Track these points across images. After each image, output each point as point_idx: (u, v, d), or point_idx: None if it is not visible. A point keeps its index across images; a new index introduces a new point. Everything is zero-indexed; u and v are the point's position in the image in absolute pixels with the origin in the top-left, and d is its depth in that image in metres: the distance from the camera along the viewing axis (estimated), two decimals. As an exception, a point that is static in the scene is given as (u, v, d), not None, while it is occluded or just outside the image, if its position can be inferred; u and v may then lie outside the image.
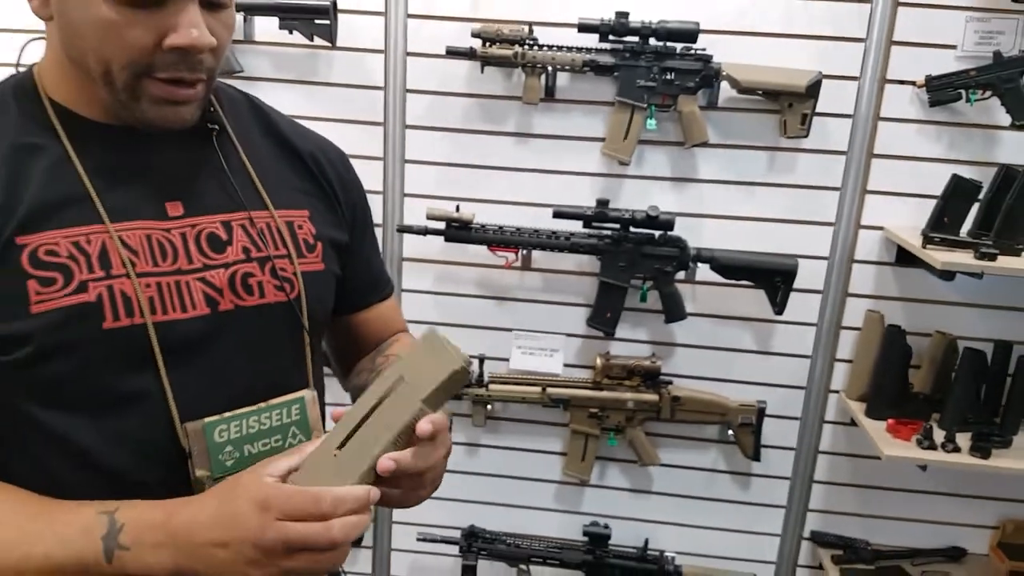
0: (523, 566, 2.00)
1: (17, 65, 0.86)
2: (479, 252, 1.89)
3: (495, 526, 2.03)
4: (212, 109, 0.88)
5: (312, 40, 1.80)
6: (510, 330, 1.98)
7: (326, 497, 0.71)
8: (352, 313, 1.04)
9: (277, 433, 0.85)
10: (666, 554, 1.98)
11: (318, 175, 0.95)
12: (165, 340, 0.79)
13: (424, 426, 0.76)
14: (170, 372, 0.79)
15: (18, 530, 0.73)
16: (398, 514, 2.08)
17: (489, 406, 1.97)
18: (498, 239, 1.86)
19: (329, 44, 1.81)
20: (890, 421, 1.79)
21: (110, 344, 0.77)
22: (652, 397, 1.92)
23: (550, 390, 1.93)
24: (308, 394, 0.87)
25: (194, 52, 0.76)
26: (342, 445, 0.75)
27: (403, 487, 0.79)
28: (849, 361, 1.92)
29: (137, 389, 0.78)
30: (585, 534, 1.98)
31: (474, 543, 1.99)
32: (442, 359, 0.76)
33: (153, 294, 0.79)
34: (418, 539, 2.00)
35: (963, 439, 1.73)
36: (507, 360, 1.98)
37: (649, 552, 1.98)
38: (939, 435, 1.74)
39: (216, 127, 0.88)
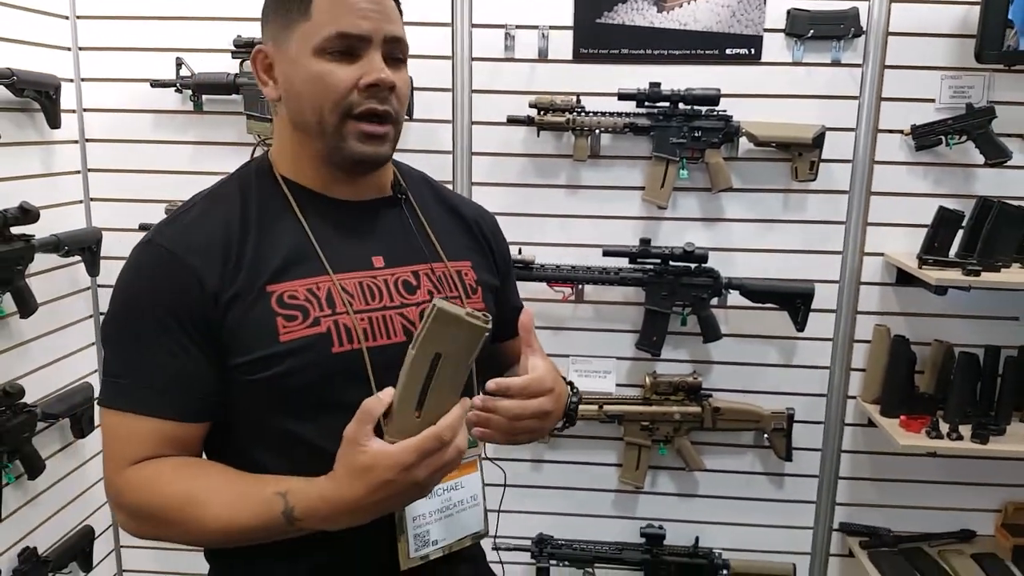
0: (589, 568, 2.23)
1: (252, 154, 1.13)
2: (539, 288, 2.15)
3: (561, 534, 2.25)
4: (401, 184, 1.13)
5: (393, 114, 2.09)
6: (567, 355, 2.23)
7: (443, 431, 0.87)
8: (503, 341, 1.23)
9: None
10: (714, 551, 2.22)
11: (477, 234, 1.19)
12: (375, 361, 0.99)
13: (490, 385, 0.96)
14: (378, 384, 0.96)
15: (223, 503, 0.92)
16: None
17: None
18: (555, 276, 2.13)
19: (408, 117, 2.10)
20: (902, 417, 2.04)
21: (337, 364, 0.97)
22: (696, 409, 2.17)
23: (606, 407, 2.18)
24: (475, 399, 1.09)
25: (382, 87, 0.97)
26: (418, 409, 0.88)
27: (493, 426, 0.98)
28: (862, 370, 2.18)
29: (354, 398, 0.92)
30: (642, 535, 2.21)
31: (545, 549, 2.21)
32: (466, 327, 0.86)
33: (366, 326, 1.00)
34: (493, 548, 2.22)
35: (965, 430, 1.99)
36: (565, 383, 2.23)
37: (700, 549, 2.21)
38: (944, 427, 1.99)
39: (403, 196, 1.13)
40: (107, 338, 0.99)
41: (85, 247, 2.12)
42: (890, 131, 2.08)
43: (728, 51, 2.09)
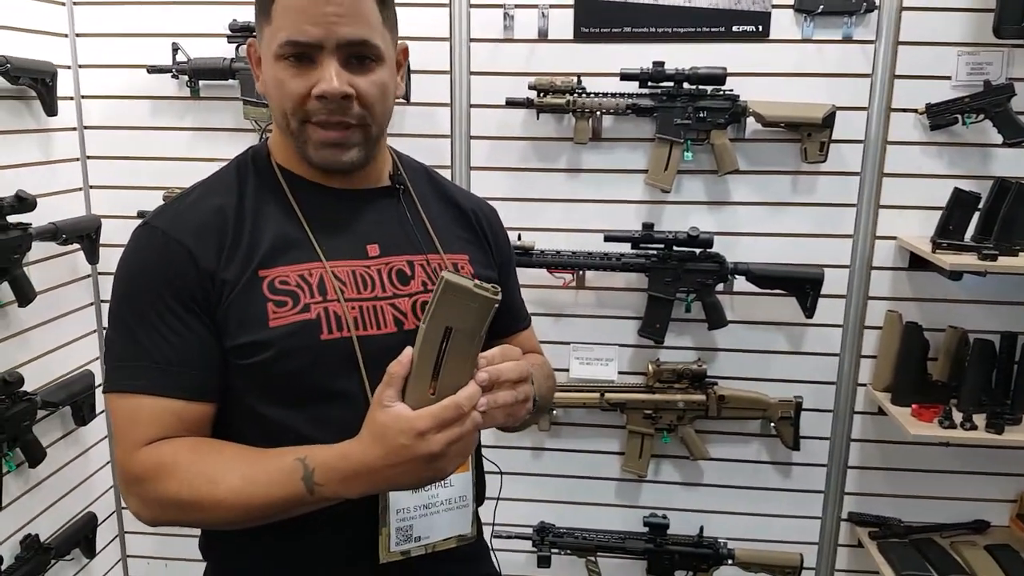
0: (591, 557, 2.21)
1: (262, 138, 1.11)
2: (539, 274, 2.12)
3: (563, 522, 2.24)
4: (399, 173, 1.12)
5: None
6: (568, 343, 2.21)
7: (461, 401, 0.86)
8: (498, 339, 1.21)
9: None
10: (719, 540, 2.19)
11: (476, 227, 1.18)
12: (365, 350, 0.98)
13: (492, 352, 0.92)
14: (368, 374, 0.97)
15: (241, 476, 0.91)
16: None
17: (553, 412, 2.19)
18: (556, 262, 2.09)
19: (404, 101, 2.07)
20: (914, 406, 1.99)
21: (325, 351, 0.97)
22: (700, 397, 2.13)
23: (608, 395, 2.15)
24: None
25: (331, 98, 0.94)
26: (433, 382, 0.88)
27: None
28: (873, 357, 2.13)
29: (344, 388, 0.97)
30: (645, 524, 2.19)
31: (546, 537, 2.20)
32: (476, 300, 0.85)
33: (357, 315, 1.00)
34: (494, 536, 2.20)
35: (979, 419, 1.94)
36: (567, 370, 2.20)
37: (704, 539, 2.18)
38: (957, 416, 1.94)
39: (401, 187, 1.11)
40: (111, 322, 0.99)
41: (84, 235, 2.11)
42: (903, 110, 2.02)
43: (735, 28, 2.03)
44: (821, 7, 1.97)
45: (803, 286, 2.06)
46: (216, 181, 1.05)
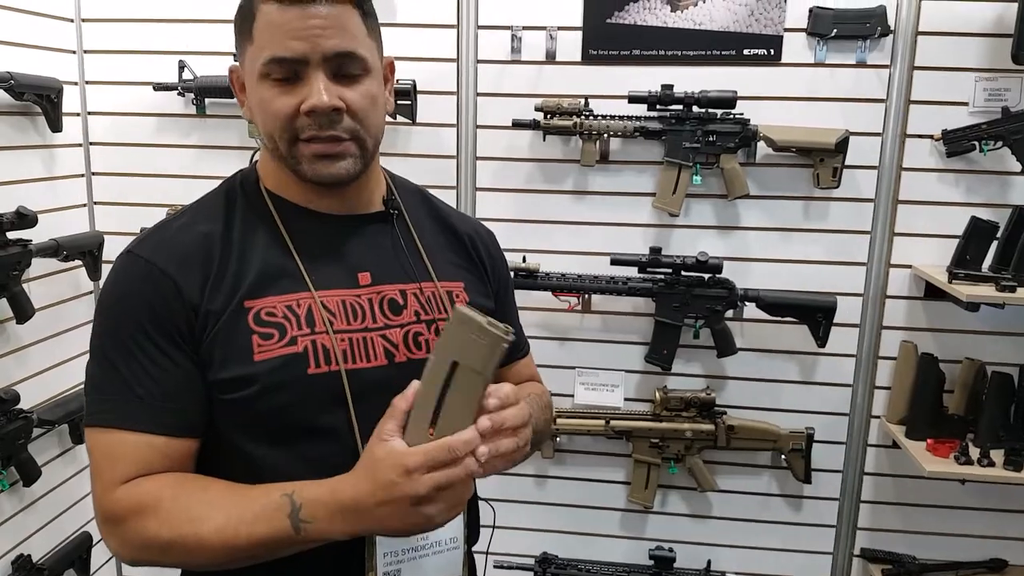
0: (594, 589, 2.15)
1: (252, 160, 1.08)
2: (544, 297, 2.08)
3: (565, 553, 2.18)
4: (392, 198, 1.08)
5: (395, 118, 2.04)
6: (573, 368, 2.16)
7: (457, 445, 0.82)
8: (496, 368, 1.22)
9: None
10: (727, 574, 2.12)
11: (472, 252, 1.13)
12: (354, 384, 0.94)
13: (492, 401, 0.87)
14: (357, 410, 0.93)
15: (226, 515, 0.86)
16: (477, 546, 2.24)
17: (557, 439, 2.15)
18: (561, 285, 2.06)
19: (410, 121, 2.05)
20: (929, 441, 1.93)
21: (312, 386, 0.93)
22: (708, 427, 2.08)
23: (613, 423, 2.11)
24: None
25: (321, 112, 0.91)
26: (432, 425, 0.85)
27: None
28: (887, 388, 2.08)
29: (331, 424, 0.93)
30: (651, 557, 2.12)
31: (548, 568, 2.14)
32: (487, 337, 0.83)
33: (346, 347, 0.95)
34: (495, 567, 2.15)
35: (996, 455, 1.88)
36: (572, 396, 2.16)
37: (711, 573, 2.12)
38: (974, 452, 1.89)
39: (396, 212, 1.07)
40: (93, 353, 0.95)
41: (86, 251, 2.10)
42: (919, 136, 1.98)
43: (746, 51, 2.00)
44: (835, 31, 1.94)
45: (815, 314, 2.01)
46: (203, 207, 1.02)
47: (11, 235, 1.82)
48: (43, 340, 2.04)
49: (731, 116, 1.99)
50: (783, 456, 2.10)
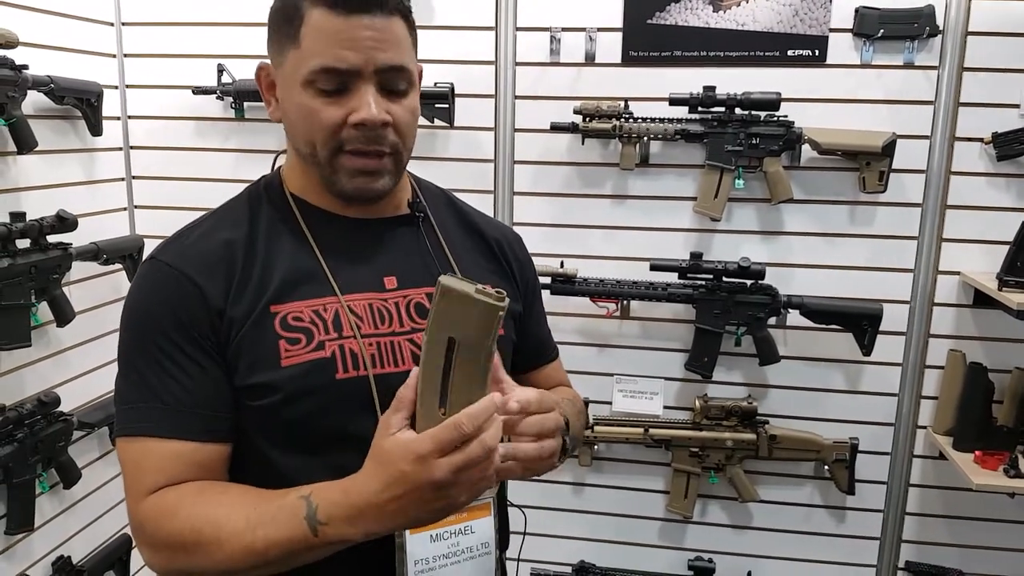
0: (631, 599, 2.12)
1: (273, 166, 1.07)
2: (582, 303, 2.06)
3: (603, 562, 2.15)
4: (418, 200, 1.06)
5: (433, 122, 2.02)
6: (612, 375, 2.13)
7: (462, 420, 0.76)
8: (524, 372, 1.17)
9: None
10: (767, 586, 2.09)
11: (499, 256, 1.12)
12: (382, 389, 0.92)
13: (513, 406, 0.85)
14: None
15: (245, 517, 0.84)
16: (511, 553, 2.21)
17: (595, 447, 2.12)
18: (599, 291, 2.03)
19: (448, 125, 2.03)
20: (977, 453, 1.88)
21: (341, 392, 0.92)
22: (750, 436, 2.04)
23: (652, 431, 2.07)
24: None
25: (371, 126, 0.91)
26: (442, 408, 0.80)
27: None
28: (934, 398, 2.02)
29: (358, 430, 0.88)
30: (690, 568, 2.09)
31: (585, 577, 2.12)
32: (478, 305, 0.76)
33: (374, 352, 0.94)
34: (532, 575, 2.13)
35: (1050, 468, 1.83)
36: (610, 403, 2.13)
37: (751, 584, 2.09)
38: (1025, 465, 1.84)
39: (421, 215, 1.06)
40: (120, 364, 0.95)
41: (126, 255, 2.11)
42: (968, 139, 1.93)
43: (790, 52, 1.96)
44: (881, 31, 1.89)
45: (860, 322, 1.97)
46: (226, 213, 1.01)
47: (51, 239, 1.83)
48: (83, 343, 2.05)
49: (775, 118, 1.95)
50: (826, 467, 2.05)
